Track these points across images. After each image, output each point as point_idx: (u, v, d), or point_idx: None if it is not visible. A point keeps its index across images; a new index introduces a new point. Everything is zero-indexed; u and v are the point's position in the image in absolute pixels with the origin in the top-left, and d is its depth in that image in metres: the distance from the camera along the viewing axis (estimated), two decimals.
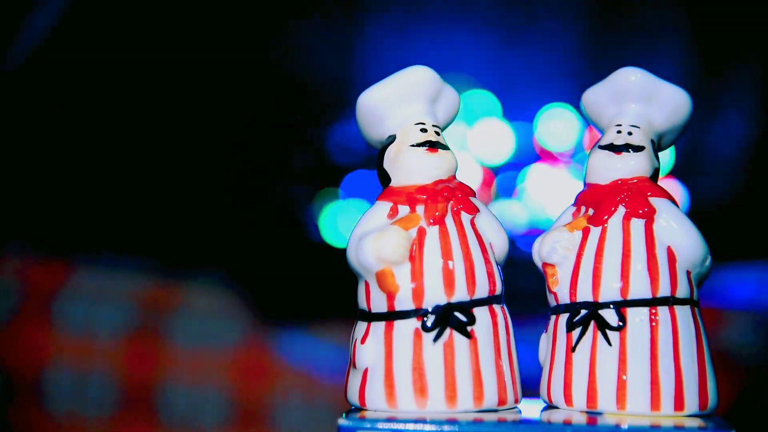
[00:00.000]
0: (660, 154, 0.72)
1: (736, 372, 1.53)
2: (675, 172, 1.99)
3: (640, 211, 0.67)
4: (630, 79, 0.71)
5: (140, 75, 2.03)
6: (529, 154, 2.23)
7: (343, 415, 0.64)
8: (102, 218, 1.94)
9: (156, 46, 2.03)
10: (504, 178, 2.24)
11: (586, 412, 0.66)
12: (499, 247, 0.69)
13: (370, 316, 0.67)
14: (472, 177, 2.18)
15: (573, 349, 0.67)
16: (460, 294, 0.66)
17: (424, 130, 0.69)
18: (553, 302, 0.69)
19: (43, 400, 1.62)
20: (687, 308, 0.66)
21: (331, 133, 2.18)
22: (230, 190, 2.07)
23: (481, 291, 0.66)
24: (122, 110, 2.02)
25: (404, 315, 0.65)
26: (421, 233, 0.66)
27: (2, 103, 1.90)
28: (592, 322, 0.66)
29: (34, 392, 1.62)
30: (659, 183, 0.70)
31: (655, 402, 0.65)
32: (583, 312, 0.67)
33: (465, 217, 0.68)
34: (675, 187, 1.97)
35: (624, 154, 0.69)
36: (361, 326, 0.67)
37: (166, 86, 2.04)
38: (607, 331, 0.66)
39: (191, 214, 2.00)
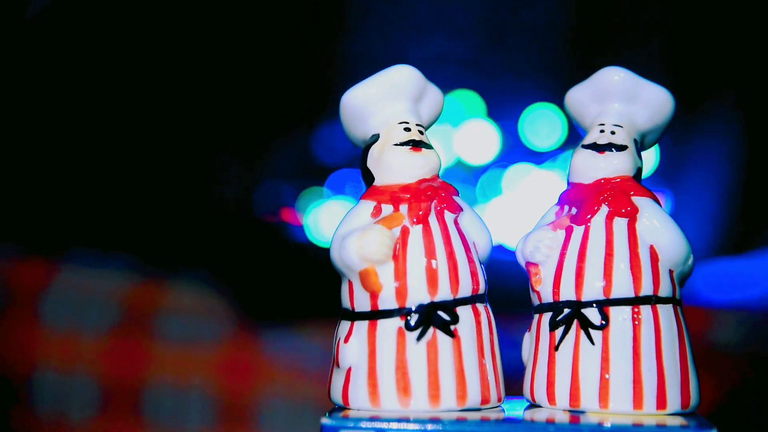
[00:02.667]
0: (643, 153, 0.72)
1: (718, 371, 1.53)
2: (659, 172, 1.99)
3: (623, 210, 0.67)
4: (613, 78, 0.71)
5: (123, 73, 2.02)
6: (513, 154, 2.23)
7: (327, 414, 0.64)
8: (87, 217, 1.94)
9: (141, 45, 2.03)
10: (488, 178, 2.24)
11: (569, 411, 0.66)
12: (483, 246, 0.69)
13: (354, 315, 0.67)
14: (455, 176, 2.18)
15: (556, 348, 0.67)
16: (444, 293, 0.66)
17: (407, 129, 0.69)
18: (536, 301, 0.69)
19: (28, 399, 1.61)
20: (669, 307, 0.67)
21: (315, 132, 2.17)
22: (215, 189, 2.06)
23: (465, 290, 0.66)
24: (107, 109, 2.02)
25: (387, 314, 0.65)
26: (405, 232, 0.66)
27: None
28: (575, 321, 0.66)
29: (19, 391, 1.61)
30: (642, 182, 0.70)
31: (637, 400, 0.65)
32: (566, 311, 0.67)
33: (448, 216, 0.68)
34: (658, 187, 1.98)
35: (607, 153, 0.69)
36: (345, 325, 0.67)
37: (150, 83, 2.03)
38: (590, 330, 0.66)
39: (176, 213, 1.99)
